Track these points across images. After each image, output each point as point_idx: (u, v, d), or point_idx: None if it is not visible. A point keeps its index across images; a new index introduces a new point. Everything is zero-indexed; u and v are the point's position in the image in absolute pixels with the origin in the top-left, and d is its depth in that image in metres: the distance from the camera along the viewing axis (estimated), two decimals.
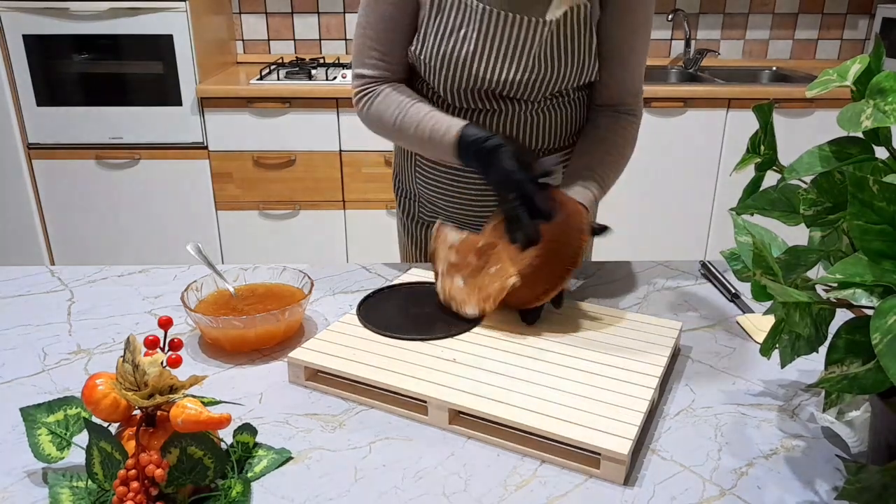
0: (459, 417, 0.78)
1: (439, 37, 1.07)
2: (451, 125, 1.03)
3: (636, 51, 1.14)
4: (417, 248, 1.33)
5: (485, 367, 0.83)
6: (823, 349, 0.66)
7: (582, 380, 0.81)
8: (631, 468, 0.71)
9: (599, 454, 0.70)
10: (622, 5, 1.08)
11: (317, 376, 0.86)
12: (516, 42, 1.06)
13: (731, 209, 0.78)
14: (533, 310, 0.94)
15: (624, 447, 0.69)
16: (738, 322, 1.03)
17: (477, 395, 0.77)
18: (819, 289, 0.82)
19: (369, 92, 1.13)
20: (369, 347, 0.87)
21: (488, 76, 1.08)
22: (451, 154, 1.03)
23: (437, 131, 1.04)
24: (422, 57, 1.10)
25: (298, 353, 0.86)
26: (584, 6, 1.06)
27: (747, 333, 0.99)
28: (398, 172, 1.31)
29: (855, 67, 0.65)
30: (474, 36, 1.05)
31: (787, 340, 0.70)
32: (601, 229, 0.97)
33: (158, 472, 0.61)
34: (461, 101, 1.13)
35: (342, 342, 0.89)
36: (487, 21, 1.04)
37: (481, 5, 1.04)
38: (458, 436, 0.77)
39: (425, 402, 0.78)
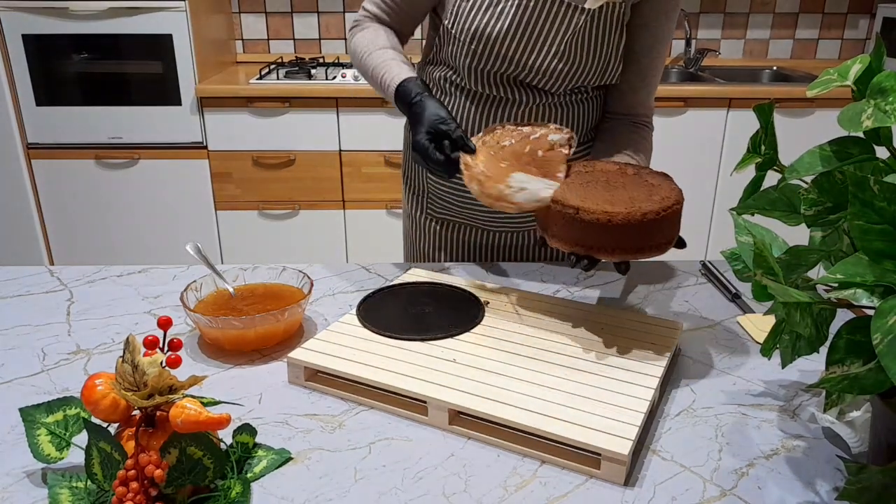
0: (459, 418, 0.78)
1: (474, 11, 1.08)
2: (398, 75, 1.06)
3: (654, 64, 1.16)
4: (428, 244, 1.33)
5: (485, 367, 0.83)
6: (824, 349, 0.66)
7: (582, 380, 0.81)
8: (631, 468, 0.71)
9: (600, 455, 0.70)
10: (649, 14, 1.11)
11: (316, 376, 0.86)
12: (550, 25, 1.06)
13: (732, 209, 0.78)
14: (593, 259, 0.88)
15: (624, 447, 0.69)
16: (738, 322, 1.02)
17: (477, 396, 0.77)
18: (820, 289, 0.82)
19: (362, 24, 1.18)
20: (369, 347, 0.87)
21: (516, 58, 1.09)
22: (392, 101, 1.08)
23: (385, 79, 1.08)
24: (453, 31, 1.10)
25: (298, 354, 0.86)
26: (620, 4, 1.08)
27: (748, 333, 0.99)
28: (408, 167, 1.32)
29: (855, 67, 0.65)
30: (511, 11, 1.06)
31: (787, 340, 0.69)
32: (682, 243, 0.93)
33: (158, 472, 0.61)
34: (482, 85, 1.13)
35: (342, 342, 0.89)
36: None
37: None
38: (458, 436, 0.77)
39: (425, 402, 0.78)
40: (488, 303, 1.00)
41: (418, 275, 1.10)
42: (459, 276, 1.10)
